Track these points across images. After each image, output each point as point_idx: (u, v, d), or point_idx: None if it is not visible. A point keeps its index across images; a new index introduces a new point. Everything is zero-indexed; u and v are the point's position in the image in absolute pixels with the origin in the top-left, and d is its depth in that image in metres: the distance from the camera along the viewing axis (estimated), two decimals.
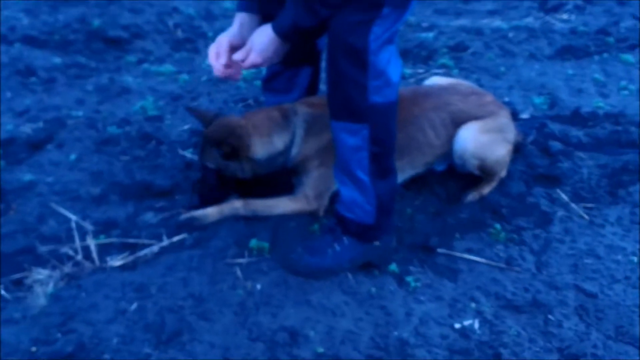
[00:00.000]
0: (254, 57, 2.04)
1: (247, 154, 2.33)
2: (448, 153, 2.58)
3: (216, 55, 2.17)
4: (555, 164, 2.82)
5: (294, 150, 2.41)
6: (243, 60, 2.07)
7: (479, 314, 2.06)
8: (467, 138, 2.51)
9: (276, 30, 1.97)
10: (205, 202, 2.42)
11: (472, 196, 2.60)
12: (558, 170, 2.78)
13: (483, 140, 2.52)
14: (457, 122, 2.53)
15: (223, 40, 2.16)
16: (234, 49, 2.15)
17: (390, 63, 1.93)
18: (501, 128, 2.60)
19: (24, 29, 4.21)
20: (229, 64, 2.17)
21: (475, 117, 2.55)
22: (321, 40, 2.47)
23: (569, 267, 2.27)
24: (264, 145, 2.35)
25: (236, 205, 2.39)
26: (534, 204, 2.60)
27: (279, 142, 2.37)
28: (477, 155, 2.51)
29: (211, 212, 2.37)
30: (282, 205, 2.42)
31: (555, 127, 3.14)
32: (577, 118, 3.26)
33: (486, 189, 2.63)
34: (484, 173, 2.58)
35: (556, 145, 2.93)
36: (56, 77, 3.58)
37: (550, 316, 2.05)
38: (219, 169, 2.37)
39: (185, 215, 2.37)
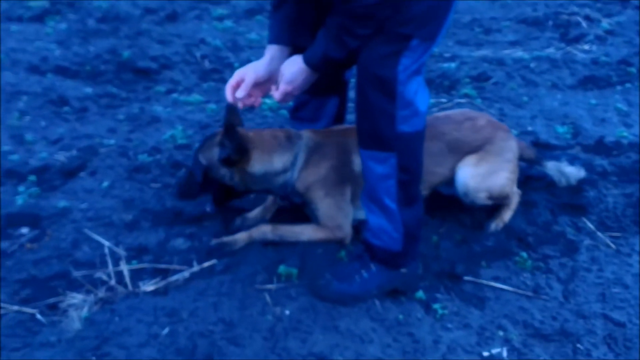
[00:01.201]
0: (284, 86, 2.11)
1: (245, 166, 2.35)
2: (450, 179, 2.58)
3: (235, 86, 2.20)
4: (581, 192, 2.83)
5: (294, 175, 2.42)
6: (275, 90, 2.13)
7: (507, 342, 2.07)
8: (466, 176, 2.52)
9: (307, 60, 2.04)
10: (182, 197, 2.47)
11: (495, 225, 2.62)
12: (583, 199, 2.79)
13: (481, 172, 2.53)
14: (454, 150, 2.54)
15: (250, 74, 2.20)
16: (258, 83, 2.21)
17: (418, 93, 1.98)
18: (498, 151, 2.58)
19: (56, 60, 4.33)
20: (250, 94, 2.23)
21: (470, 145, 2.55)
22: (348, 71, 2.54)
23: (597, 296, 2.27)
24: (263, 162, 2.37)
25: (264, 229, 2.44)
26: (560, 232, 2.61)
27: (278, 162, 2.40)
28: (481, 188, 2.52)
29: (240, 237, 2.42)
30: (308, 232, 2.46)
31: (579, 156, 3.16)
32: (601, 147, 3.27)
33: (507, 215, 2.64)
34: (496, 201, 2.60)
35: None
36: (88, 107, 3.68)
37: (578, 345, 2.05)
38: (209, 167, 2.37)
39: (215, 241, 2.42)
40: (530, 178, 2.94)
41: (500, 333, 2.10)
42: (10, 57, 4.26)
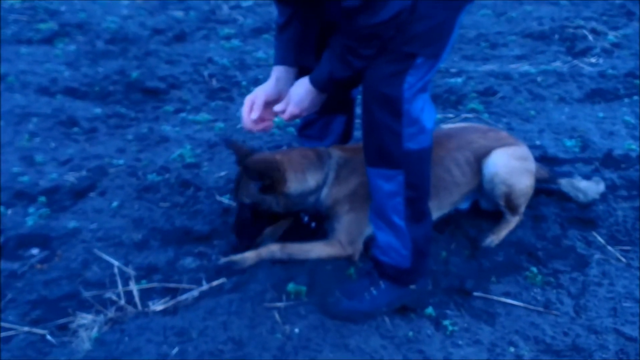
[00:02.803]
0: (291, 109, 2.13)
1: (283, 189, 2.38)
2: (473, 189, 2.63)
3: (249, 109, 2.25)
4: (590, 206, 2.82)
5: (325, 192, 2.45)
6: (283, 112, 2.15)
7: (518, 358, 2.05)
8: (498, 162, 2.55)
9: (313, 82, 2.06)
10: (243, 240, 2.49)
11: (490, 240, 2.60)
12: (593, 212, 2.78)
13: (513, 166, 2.57)
14: (480, 157, 2.58)
15: (260, 95, 2.24)
16: (269, 103, 2.24)
17: (424, 110, 1.99)
18: (525, 157, 2.65)
19: (66, 81, 4.37)
20: (262, 118, 2.25)
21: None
22: (355, 88, 2.55)
23: (608, 310, 2.26)
24: (298, 182, 2.40)
25: (273, 248, 2.44)
26: (570, 246, 2.59)
27: (312, 181, 2.42)
28: (507, 181, 2.54)
29: (249, 256, 2.42)
30: (317, 249, 2.46)
31: (588, 169, 3.15)
32: (609, 160, 3.26)
33: (504, 232, 2.63)
34: (508, 204, 2.59)
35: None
36: (97, 127, 3.71)
37: None
38: (254, 203, 2.42)
39: (224, 260, 2.42)
40: (541, 192, 2.92)
41: (512, 349, 2.09)
42: (20, 79, 4.31)
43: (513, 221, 2.65)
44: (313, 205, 2.48)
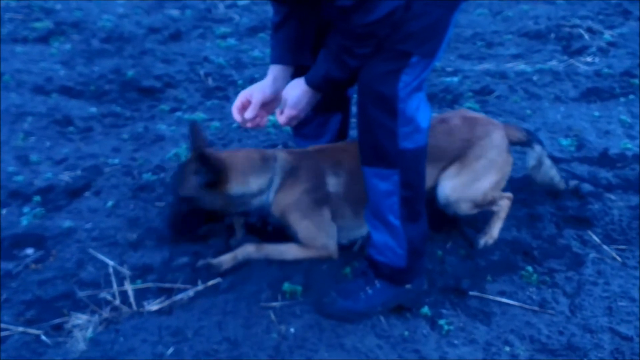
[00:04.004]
0: (289, 111, 2.13)
1: (225, 188, 2.35)
2: (431, 190, 2.47)
3: (241, 108, 2.25)
4: (586, 205, 2.82)
5: (270, 196, 2.42)
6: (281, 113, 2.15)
7: (513, 357, 2.05)
8: (445, 189, 2.45)
9: (309, 82, 2.06)
10: (177, 234, 2.50)
11: (484, 241, 2.59)
12: (588, 211, 2.78)
13: (462, 181, 2.45)
14: (431, 160, 2.28)
15: (256, 94, 2.23)
16: (265, 102, 2.24)
17: (419, 109, 1.99)
18: (480, 153, 2.46)
19: (61, 79, 4.36)
20: (257, 114, 2.25)
21: (447, 151, 2.44)
22: (350, 87, 2.54)
23: (603, 309, 2.26)
24: (240, 184, 2.37)
25: (249, 250, 2.43)
26: (566, 245, 2.60)
27: (254, 184, 2.39)
28: (463, 199, 2.47)
29: (225, 259, 2.41)
30: (293, 251, 2.45)
31: (583, 168, 3.15)
32: (605, 159, 3.26)
33: (496, 228, 2.62)
34: (482, 208, 2.55)
35: (586, 186, 2.93)
36: (93, 126, 3.70)
37: None
38: (193, 198, 2.37)
39: (201, 262, 2.42)
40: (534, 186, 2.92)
41: (507, 348, 2.09)
42: (16, 78, 4.30)
43: (501, 211, 2.61)
44: (258, 209, 2.45)
